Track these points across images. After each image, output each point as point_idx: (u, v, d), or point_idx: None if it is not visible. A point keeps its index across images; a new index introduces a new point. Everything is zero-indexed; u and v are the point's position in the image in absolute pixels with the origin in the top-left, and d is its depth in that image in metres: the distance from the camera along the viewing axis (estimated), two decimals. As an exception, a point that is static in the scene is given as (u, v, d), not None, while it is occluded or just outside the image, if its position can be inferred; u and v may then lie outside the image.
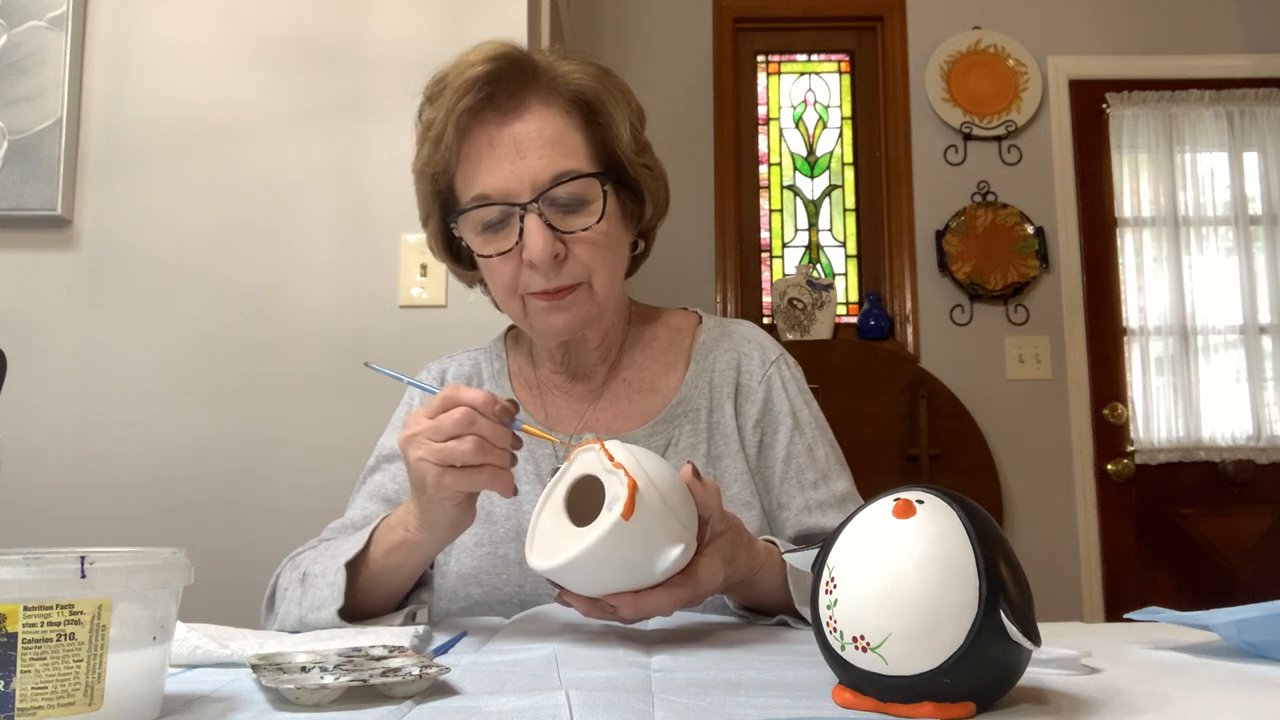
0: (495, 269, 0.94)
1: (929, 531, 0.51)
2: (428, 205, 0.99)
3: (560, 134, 0.92)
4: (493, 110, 0.91)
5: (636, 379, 1.05)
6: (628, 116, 0.96)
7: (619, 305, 1.04)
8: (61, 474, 1.79)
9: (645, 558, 0.69)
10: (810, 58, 3.48)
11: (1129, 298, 3.25)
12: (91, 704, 0.46)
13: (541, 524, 0.73)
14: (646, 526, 0.68)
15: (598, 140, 0.95)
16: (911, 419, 3.02)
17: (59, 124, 1.82)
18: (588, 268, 0.93)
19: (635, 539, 0.68)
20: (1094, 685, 0.58)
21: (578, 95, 0.94)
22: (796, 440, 1.02)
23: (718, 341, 1.06)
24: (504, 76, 0.91)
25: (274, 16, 1.90)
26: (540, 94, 0.93)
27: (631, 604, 0.71)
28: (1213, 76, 3.30)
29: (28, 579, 0.44)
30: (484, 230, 0.93)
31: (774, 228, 3.38)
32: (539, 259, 0.89)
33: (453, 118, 0.91)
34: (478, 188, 0.91)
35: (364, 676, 0.54)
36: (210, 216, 1.86)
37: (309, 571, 0.88)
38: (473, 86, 0.90)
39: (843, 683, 0.53)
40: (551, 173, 0.90)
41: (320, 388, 1.82)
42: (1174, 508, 3.16)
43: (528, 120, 0.91)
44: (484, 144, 0.91)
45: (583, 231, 0.91)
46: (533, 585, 0.94)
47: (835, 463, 1.03)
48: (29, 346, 1.80)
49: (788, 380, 1.05)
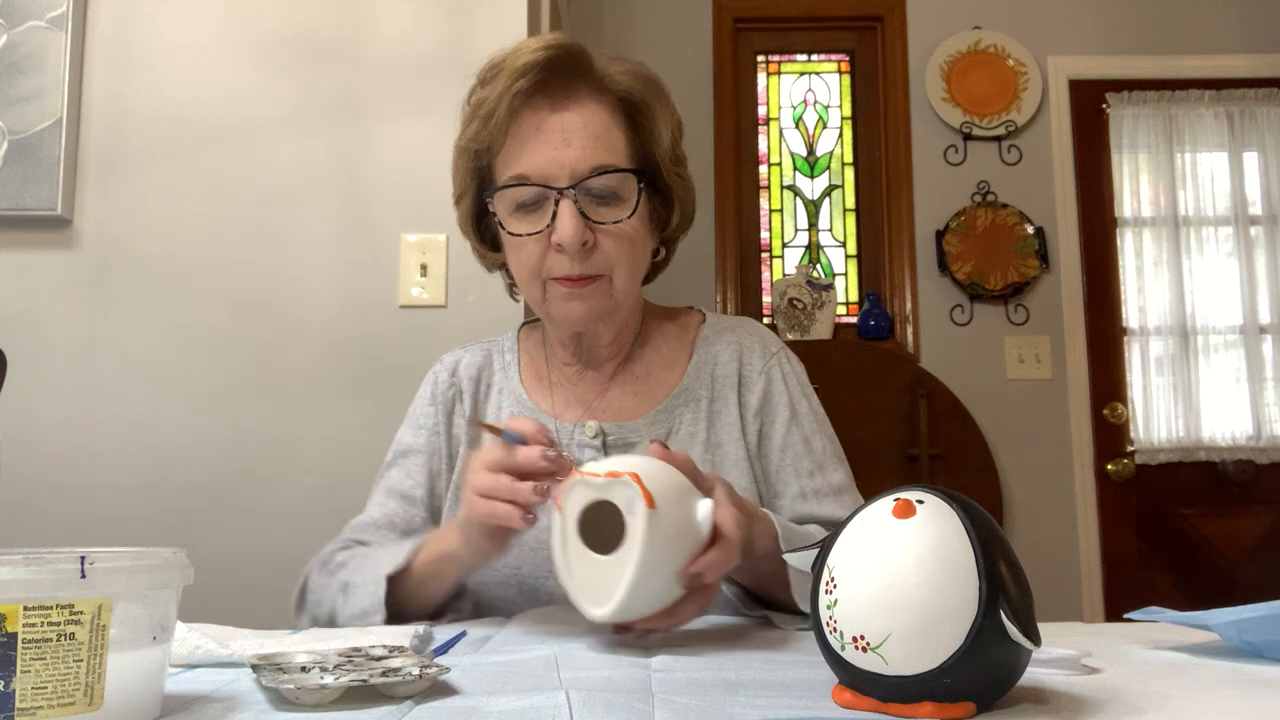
0: (522, 249, 0.96)
1: (929, 531, 0.51)
2: (464, 182, 1.01)
3: (605, 129, 0.95)
4: (544, 96, 0.95)
5: (642, 371, 1.06)
6: (669, 125, 0.99)
7: (634, 303, 1.05)
8: (61, 474, 1.79)
9: (687, 531, 0.70)
10: (810, 58, 3.47)
11: (1129, 298, 3.24)
12: (91, 704, 0.46)
13: (577, 575, 0.71)
14: (672, 504, 0.68)
15: (638, 142, 0.98)
16: (911, 419, 3.02)
17: (59, 124, 1.82)
18: (612, 261, 0.95)
19: (670, 522, 0.68)
20: (1094, 685, 0.58)
21: (626, 96, 0.97)
22: (794, 430, 1.03)
23: (720, 335, 1.09)
24: (559, 66, 0.94)
25: (274, 16, 1.90)
26: (591, 89, 0.96)
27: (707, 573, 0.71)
28: (1213, 76, 3.30)
29: (28, 579, 0.44)
30: (517, 210, 0.95)
31: (774, 228, 3.38)
32: (568, 243, 0.91)
33: (506, 97, 0.93)
34: (519, 168, 0.94)
35: (364, 676, 0.54)
36: (210, 216, 1.86)
37: (349, 581, 0.90)
38: (529, 70, 0.93)
39: (843, 683, 0.53)
40: (592, 163, 0.93)
41: (320, 388, 1.82)
42: (1174, 508, 3.16)
43: (577, 111, 0.94)
44: (531, 127, 0.94)
45: (613, 224, 0.94)
46: (530, 566, 0.96)
47: (832, 455, 1.04)
48: (29, 346, 1.80)
49: (788, 373, 1.07)
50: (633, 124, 0.98)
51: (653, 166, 0.99)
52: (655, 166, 0.99)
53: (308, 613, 0.95)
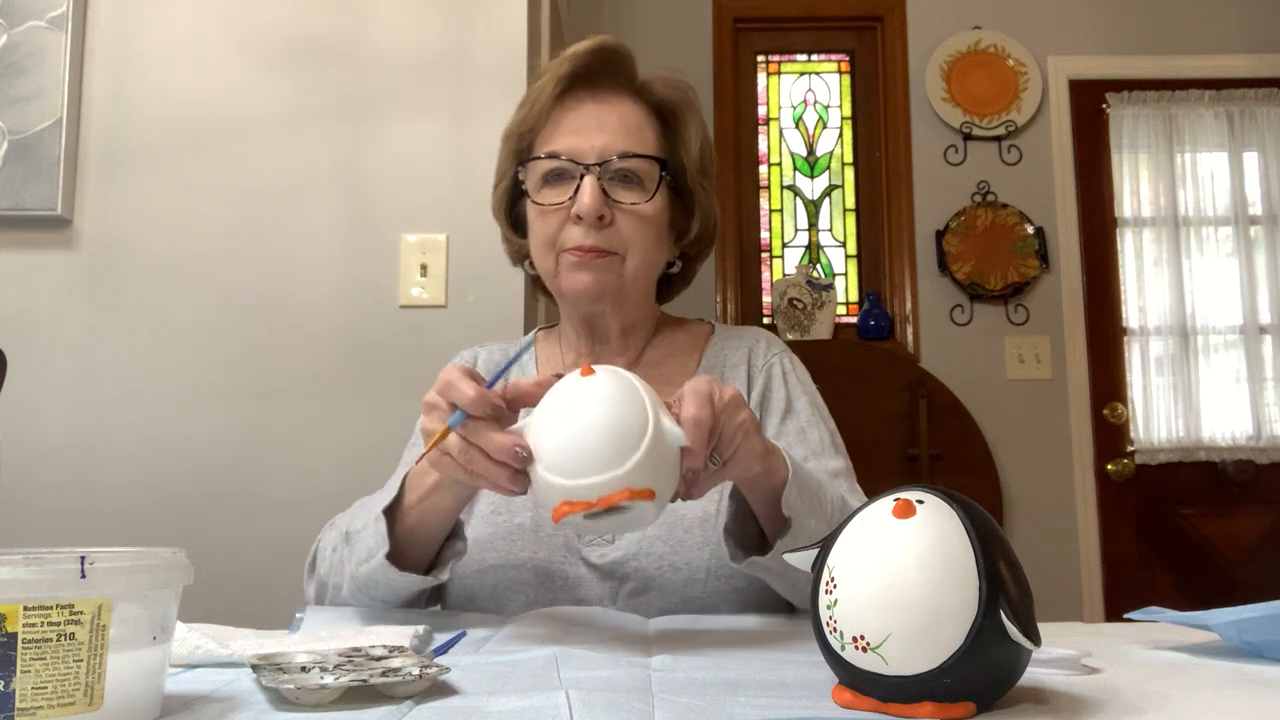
0: (543, 219, 1.01)
1: (929, 531, 0.51)
2: (505, 165, 1.07)
3: (639, 125, 1.02)
4: (588, 88, 1.02)
5: (655, 373, 1.07)
6: (700, 137, 1.06)
7: (645, 293, 1.08)
8: (62, 473, 1.79)
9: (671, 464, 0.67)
10: (810, 58, 3.48)
11: (1129, 298, 3.25)
12: (91, 704, 0.46)
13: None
14: (661, 475, 0.66)
15: (668, 143, 1.05)
16: (911, 419, 3.02)
17: (59, 124, 1.82)
18: (626, 240, 0.99)
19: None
20: (1094, 685, 0.58)
21: (662, 103, 1.05)
22: (788, 423, 1.04)
23: (728, 340, 1.12)
24: (607, 63, 1.02)
25: (274, 17, 1.90)
26: (632, 91, 1.04)
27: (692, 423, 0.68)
28: (1213, 76, 3.30)
29: (28, 579, 0.44)
30: (545, 183, 1.01)
31: (774, 228, 3.38)
32: (586, 212, 0.96)
33: (551, 83, 1.01)
34: (553, 145, 1.00)
35: (364, 676, 0.54)
36: (210, 216, 1.86)
37: (350, 529, 0.91)
38: (577, 59, 1.01)
39: (843, 683, 0.53)
40: (620, 148, 0.99)
41: (320, 387, 1.82)
42: (1174, 508, 3.16)
43: (616, 106, 1.02)
44: (571, 113, 1.01)
45: (631, 205, 0.99)
46: (547, 553, 0.96)
47: (830, 445, 1.04)
48: (29, 346, 1.80)
49: (787, 371, 1.09)
50: (665, 127, 1.05)
51: (679, 169, 1.05)
52: (681, 170, 1.05)
53: (317, 574, 0.95)
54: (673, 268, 1.10)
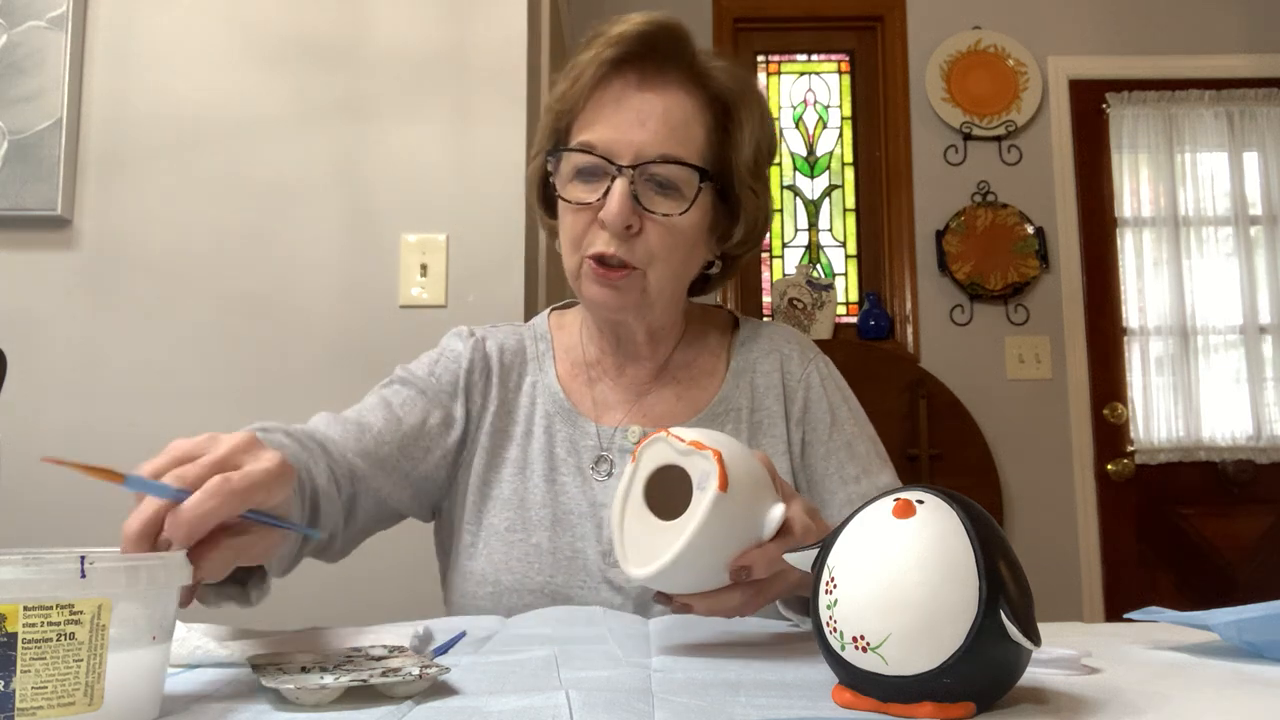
0: (570, 216, 0.95)
1: (929, 531, 0.51)
2: (543, 139, 1.00)
3: (685, 122, 0.93)
4: (635, 72, 0.93)
5: (685, 375, 1.04)
6: (756, 137, 0.97)
7: (673, 301, 1.01)
8: (62, 473, 1.78)
9: (749, 526, 0.67)
10: (810, 58, 3.48)
11: (1129, 298, 3.25)
12: (91, 704, 0.46)
13: (629, 531, 0.69)
14: (744, 494, 0.66)
15: (717, 143, 0.96)
16: (911, 419, 3.02)
17: (59, 124, 1.82)
18: (651, 254, 0.93)
19: (737, 511, 0.66)
20: (1094, 685, 0.58)
21: (719, 94, 0.95)
22: (835, 436, 1.02)
23: (756, 342, 1.07)
24: (658, 44, 0.93)
25: (275, 16, 1.90)
26: (684, 77, 0.94)
27: (755, 567, 0.67)
28: (1213, 76, 3.30)
29: (28, 579, 0.44)
30: (577, 176, 0.94)
31: (774, 228, 3.38)
32: (611, 221, 0.90)
33: (594, 64, 0.93)
34: (589, 135, 0.93)
35: (364, 676, 0.54)
36: (210, 216, 1.86)
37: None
38: (622, 40, 0.92)
39: (843, 683, 0.53)
40: (660, 150, 0.91)
41: (320, 387, 1.82)
42: (1174, 508, 3.16)
43: (661, 95, 0.93)
44: (612, 99, 0.93)
45: (663, 216, 0.92)
46: (564, 576, 0.93)
47: (876, 457, 1.03)
48: (29, 346, 1.80)
49: (825, 378, 1.05)
50: (717, 124, 0.95)
51: (727, 172, 0.96)
52: (729, 173, 0.96)
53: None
54: (711, 268, 1.04)
